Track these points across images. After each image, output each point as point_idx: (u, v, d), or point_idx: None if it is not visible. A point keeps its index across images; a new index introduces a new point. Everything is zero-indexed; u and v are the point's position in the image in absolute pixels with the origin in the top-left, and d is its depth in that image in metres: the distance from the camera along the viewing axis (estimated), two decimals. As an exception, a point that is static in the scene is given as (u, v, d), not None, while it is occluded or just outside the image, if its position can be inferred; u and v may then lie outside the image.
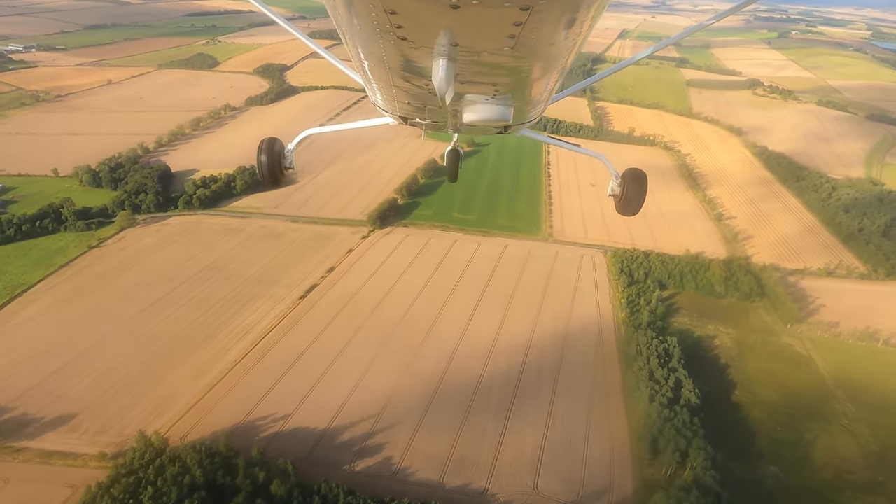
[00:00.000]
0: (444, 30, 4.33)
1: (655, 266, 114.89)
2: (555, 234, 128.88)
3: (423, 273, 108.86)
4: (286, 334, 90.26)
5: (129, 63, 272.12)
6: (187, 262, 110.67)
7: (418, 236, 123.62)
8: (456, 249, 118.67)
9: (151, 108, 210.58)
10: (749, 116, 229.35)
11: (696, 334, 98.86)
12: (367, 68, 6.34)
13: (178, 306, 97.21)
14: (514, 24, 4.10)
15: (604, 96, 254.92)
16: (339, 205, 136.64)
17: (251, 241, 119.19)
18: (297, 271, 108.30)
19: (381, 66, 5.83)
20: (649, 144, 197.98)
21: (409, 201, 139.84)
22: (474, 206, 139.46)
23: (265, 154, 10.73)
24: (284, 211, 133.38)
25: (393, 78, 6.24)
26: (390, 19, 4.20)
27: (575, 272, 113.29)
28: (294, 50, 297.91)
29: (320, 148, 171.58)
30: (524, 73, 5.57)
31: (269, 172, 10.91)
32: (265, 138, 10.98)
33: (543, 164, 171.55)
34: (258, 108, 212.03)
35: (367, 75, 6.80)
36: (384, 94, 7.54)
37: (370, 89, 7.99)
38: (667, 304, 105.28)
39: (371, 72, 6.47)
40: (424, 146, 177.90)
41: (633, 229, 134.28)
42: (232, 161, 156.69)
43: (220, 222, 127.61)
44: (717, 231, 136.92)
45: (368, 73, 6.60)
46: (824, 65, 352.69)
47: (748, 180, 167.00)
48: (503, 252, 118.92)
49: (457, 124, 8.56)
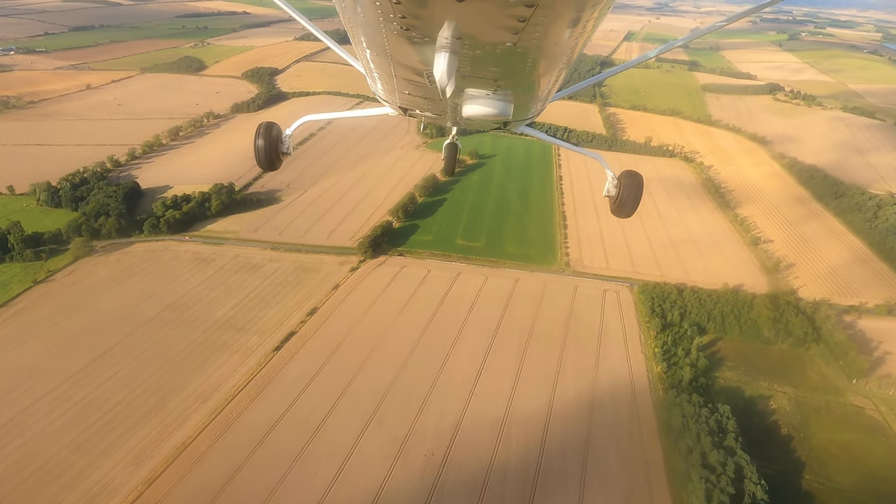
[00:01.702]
0: (448, 22, 4.28)
1: (691, 304, 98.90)
2: (572, 264, 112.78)
3: (421, 316, 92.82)
4: (254, 401, 74.19)
5: (111, 66, 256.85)
6: (146, 302, 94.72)
7: (416, 268, 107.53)
8: (459, 284, 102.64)
9: (129, 115, 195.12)
10: (773, 124, 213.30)
11: (747, 394, 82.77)
12: (369, 57, 6.32)
13: (128, 360, 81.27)
14: (519, 19, 4.08)
15: (615, 102, 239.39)
16: (326, 229, 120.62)
17: (223, 275, 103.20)
18: (273, 314, 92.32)
19: (383, 56, 5.84)
20: (668, 156, 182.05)
21: (406, 224, 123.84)
22: (480, 231, 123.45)
23: (262, 138, 10.27)
24: (264, 236, 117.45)
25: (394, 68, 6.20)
26: (395, 9, 4.20)
27: (598, 312, 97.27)
28: (286, 52, 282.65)
29: (308, 162, 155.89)
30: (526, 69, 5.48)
31: (265, 157, 10.42)
32: (263, 122, 10.55)
33: (555, 179, 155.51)
34: (244, 116, 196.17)
35: (369, 64, 6.80)
36: (385, 83, 7.49)
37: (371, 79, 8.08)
38: (708, 354, 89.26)
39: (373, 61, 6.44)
40: (423, 158, 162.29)
41: (659, 256, 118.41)
42: (210, 176, 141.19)
43: (190, 250, 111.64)
44: (755, 259, 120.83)
45: (370, 62, 6.57)
46: (842, 68, 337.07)
47: (781, 198, 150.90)
48: (514, 288, 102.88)
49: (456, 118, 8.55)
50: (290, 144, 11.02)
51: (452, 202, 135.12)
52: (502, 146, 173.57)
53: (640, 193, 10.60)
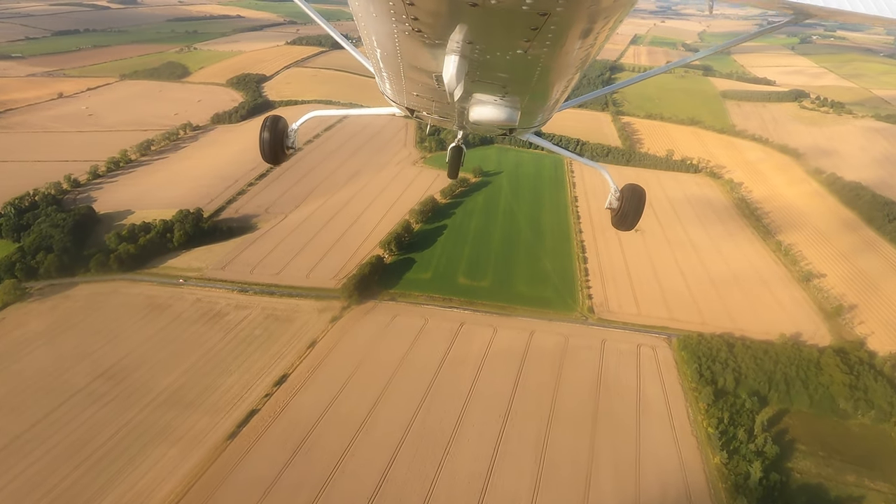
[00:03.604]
0: (460, 25, 4.25)
1: (745, 364, 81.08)
2: (597, 310, 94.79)
3: (416, 386, 74.91)
4: (193, 518, 56.41)
5: (89, 73, 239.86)
6: (78, 365, 76.95)
7: (410, 316, 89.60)
8: (463, 339, 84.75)
9: (100, 126, 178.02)
10: (802, 134, 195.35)
11: (833, 493, 64.76)
12: (380, 57, 6.26)
13: (40, 452, 63.55)
14: (531, 28, 4.08)
15: (629, 110, 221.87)
16: (306, 264, 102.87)
17: (178, 327, 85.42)
18: (232, 382, 74.52)
19: (394, 57, 5.79)
20: (692, 171, 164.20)
21: (400, 258, 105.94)
22: (486, 266, 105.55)
23: (268, 131, 10.08)
24: (232, 274, 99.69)
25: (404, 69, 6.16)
26: (407, 10, 4.19)
27: (633, 376, 79.36)
28: (276, 58, 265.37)
29: (294, 179, 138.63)
30: (535, 77, 5.41)
31: (270, 150, 10.19)
32: (269, 115, 10.43)
33: (569, 200, 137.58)
34: (225, 128, 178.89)
35: (379, 64, 6.77)
36: (394, 84, 7.46)
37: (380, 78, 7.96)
38: (775, 434, 71.33)
39: (383, 61, 6.38)
40: (421, 176, 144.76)
41: (697, 297, 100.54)
42: (180, 199, 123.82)
43: (144, 293, 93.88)
44: (809, 300, 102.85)
45: (380, 61, 6.53)
46: (864, 73, 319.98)
47: (826, 222, 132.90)
48: (529, 343, 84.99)
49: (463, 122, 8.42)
50: (295, 139, 10.47)
51: (454, 230, 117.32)
52: (509, 161, 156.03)
53: (641, 207, 10.31)
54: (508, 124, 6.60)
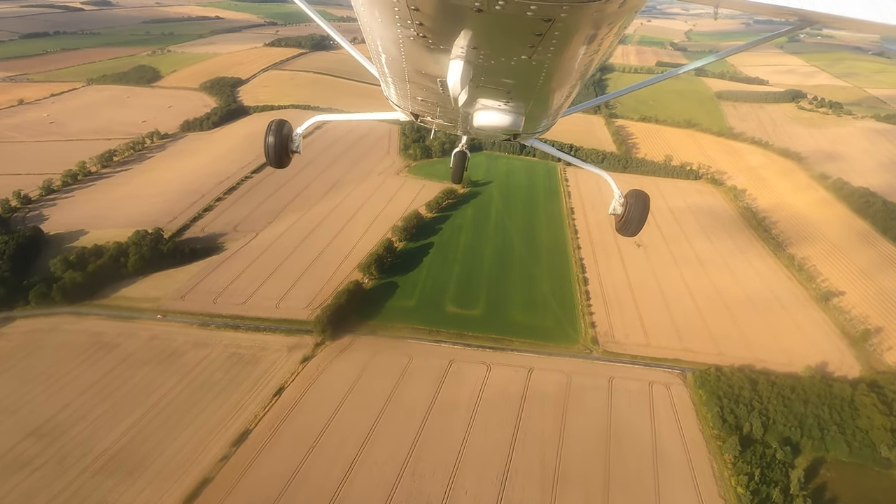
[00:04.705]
0: (465, 31, 4.25)
1: (772, 404, 71.87)
2: (601, 340, 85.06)
3: (399, 442, 64.61)
4: None
5: (54, 78, 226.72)
6: (7, 422, 65.87)
7: (392, 354, 79.22)
8: (452, 381, 74.61)
9: (61, 135, 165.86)
10: (803, 137, 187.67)
11: (886, 568, 55.60)
12: (384, 61, 6.18)
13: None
14: (536, 33, 4.07)
15: (622, 112, 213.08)
16: (276, 291, 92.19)
17: (125, 372, 74.43)
18: (183, 441, 63.76)
19: (398, 62, 5.71)
20: (692, 178, 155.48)
21: (381, 282, 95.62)
22: (477, 290, 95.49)
23: (273, 135, 9.77)
24: (193, 304, 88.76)
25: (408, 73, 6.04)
26: (412, 15, 4.16)
27: (647, 422, 69.75)
28: (253, 60, 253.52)
29: (267, 192, 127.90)
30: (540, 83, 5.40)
31: (275, 154, 9.87)
32: (274, 119, 10.06)
33: (565, 212, 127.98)
34: (195, 136, 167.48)
35: (384, 69, 6.60)
36: (398, 89, 7.23)
37: (385, 83, 7.72)
38: (812, 490, 62.05)
39: (387, 65, 6.27)
40: (405, 187, 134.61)
41: (710, 321, 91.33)
42: (140, 216, 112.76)
43: (90, 330, 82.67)
44: (831, 322, 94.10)
45: (385, 66, 6.38)
46: (857, 72, 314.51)
47: (838, 233, 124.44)
48: (527, 383, 75.06)
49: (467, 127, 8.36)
50: (299, 143, 10.22)
51: (441, 249, 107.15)
52: (499, 170, 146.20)
53: (646, 213, 9.96)
54: (513, 130, 6.48)
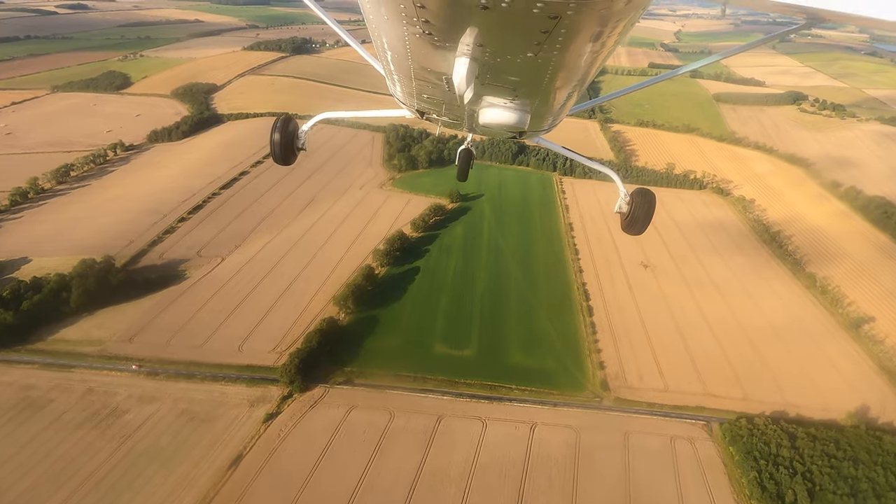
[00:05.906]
0: (471, 29, 4.24)
1: (815, 465, 61.27)
2: (612, 385, 74.10)
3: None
4: None
5: (18, 85, 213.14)
6: None
7: (371, 410, 67.69)
8: (442, 442, 63.33)
9: (17, 147, 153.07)
10: (809, 142, 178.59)
11: None
12: (390, 59, 6.16)
13: None
14: (542, 31, 4.06)
15: (618, 117, 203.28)
16: (239, 331, 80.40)
17: (55, 436, 62.50)
18: (113, 534, 52.10)
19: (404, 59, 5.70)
20: (697, 188, 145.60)
21: (359, 316, 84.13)
22: (469, 324, 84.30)
23: (279, 133, 9.81)
24: (143, 348, 76.76)
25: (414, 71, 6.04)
26: (419, 13, 4.16)
27: (673, 493, 58.84)
28: (230, 65, 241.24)
29: (234, 210, 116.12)
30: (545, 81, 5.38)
31: (281, 152, 9.90)
32: (281, 117, 10.04)
33: (563, 229, 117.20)
34: (163, 147, 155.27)
35: (390, 66, 6.60)
36: (404, 86, 7.23)
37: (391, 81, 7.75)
38: (875, 582, 51.54)
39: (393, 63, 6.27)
40: (389, 202, 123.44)
41: (732, 358, 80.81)
42: (92, 241, 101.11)
43: (18, 382, 70.60)
44: (865, 355, 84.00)
45: (391, 64, 6.39)
46: (853, 72, 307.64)
47: (859, 248, 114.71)
48: (529, 443, 63.95)
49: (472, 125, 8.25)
50: (305, 140, 10.22)
51: (428, 275, 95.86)
52: (491, 182, 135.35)
53: (651, 212, 9.93)
54: (518, 127, 6.47)
